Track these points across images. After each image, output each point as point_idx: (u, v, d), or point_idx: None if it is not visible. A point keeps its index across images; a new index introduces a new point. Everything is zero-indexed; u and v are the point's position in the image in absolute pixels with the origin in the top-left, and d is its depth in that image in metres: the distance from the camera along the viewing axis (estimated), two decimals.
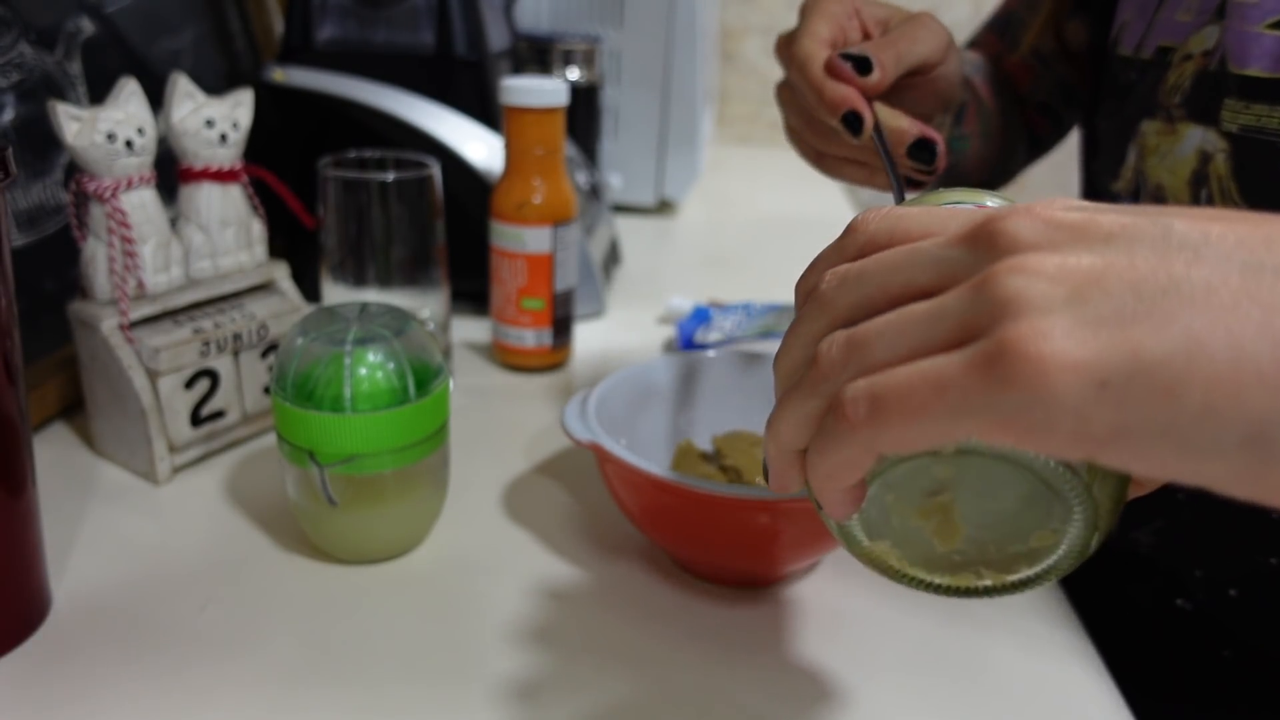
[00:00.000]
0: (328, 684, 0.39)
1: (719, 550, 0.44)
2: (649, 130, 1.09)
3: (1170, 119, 0.51)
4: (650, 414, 0.52)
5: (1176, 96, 0.50)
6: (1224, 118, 0.47)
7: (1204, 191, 0.49)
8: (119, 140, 0.49)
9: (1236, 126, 0.46)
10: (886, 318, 0.25)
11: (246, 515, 0.50)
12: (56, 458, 0.54)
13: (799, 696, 0.39)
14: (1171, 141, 0.51)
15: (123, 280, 0.50)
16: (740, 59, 1.61)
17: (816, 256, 0.30)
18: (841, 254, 0.28)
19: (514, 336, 0.68)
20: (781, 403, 0.28)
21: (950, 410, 0.22)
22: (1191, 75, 0.49)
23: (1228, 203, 0.48)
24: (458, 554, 0.48)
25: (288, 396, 0.43)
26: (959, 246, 0.24)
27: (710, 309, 0.76)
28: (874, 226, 0.28)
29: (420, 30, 0.74)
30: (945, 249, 0.25)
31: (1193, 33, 0.49)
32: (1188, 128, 0.49)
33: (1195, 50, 0.49)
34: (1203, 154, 0.49)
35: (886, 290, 0.26)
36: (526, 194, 0.64)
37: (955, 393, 0.22)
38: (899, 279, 0.26)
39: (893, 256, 0.26)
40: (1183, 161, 0.50)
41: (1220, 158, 0.48)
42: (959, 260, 0.24)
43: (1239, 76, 0.46)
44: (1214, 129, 0.48)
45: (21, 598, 0.40)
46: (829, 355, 0.26)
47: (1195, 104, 0.49)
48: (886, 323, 0.25)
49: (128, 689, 0.38)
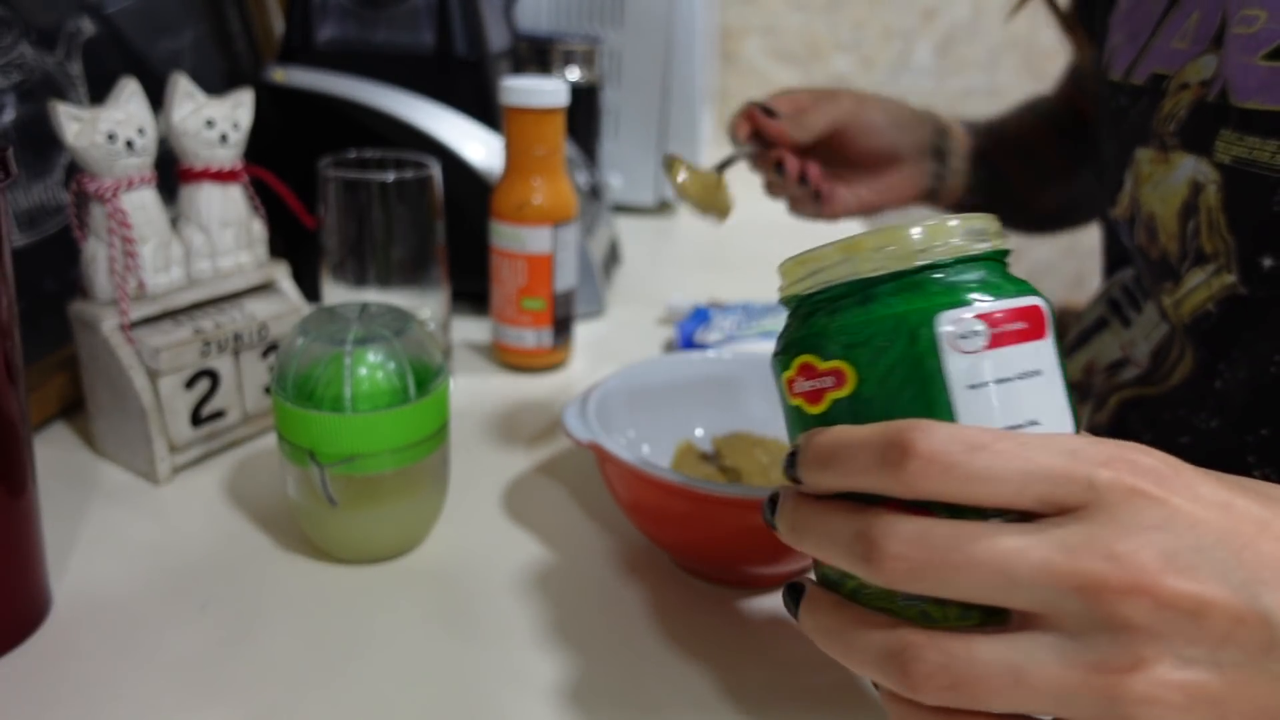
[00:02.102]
0: (328, 684, 0.39)
1: (719, 550, 0.44)
2: (649, 130, 1.09)
3: (1164, 147, 0.50)
4: (650, 414, 0.52)
5: (1171, 125, 0.50)
6: (1217, 148, 0.46)
7: (1192, 223, 0.49)
8: (119, 140, 0.49)
9: (1229, 158, 0.46)
10: (999, 673, 0.24)
11: (246, 515, 0.50)
12: (56, 458, 0.54)
13: (799, 696, 0.39)
14: (1164, 170, 0.50)
15: (123, 280, 0.51)
16: (740, 59, 1.61)
17: (844, 440, 0.26)
18: (886, 467, 0.25)
19: (514, 336, 0.68)
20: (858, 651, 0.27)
21: None
22: (1188, 105, 0.48)
23: (1215, 235, 0.47)
24: (458, 554, 0.48)
25: (288, 396, 0.43)
26: (1068, 594, 0.24)
27: (710, 309, 0.76)
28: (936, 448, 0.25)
29: (420, 30, 0.74)
30: (1051, 590, 0.24)
31: (1189, 61, 0.49)
32: (1181, 157, 0.49)
33: (1193, 80, 0.48)
34: (1194, 184, 0.48)
35: (980, 600, 0.25)
36: (526, 194, 0.64)
37: None
38: (998, 598, 0.24)
39: (992, 563, 0.24)
40: (1174, 191, 0.50)
41: (1211, 189, 0.47)
42: (1073, 612, 0.24)
43: (1240, 110, 0.45)
44: (1206, 159, 0.47)
45: (21, 598, 0.40)
46: (928, 677, 0.24)
47: (1189, 134, 0.48)
48: (1001, 681, 0.24)
49: (128, 689, 0.38)
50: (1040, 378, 0.27)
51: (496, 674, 0.40)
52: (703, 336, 0.72)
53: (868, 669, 0.26)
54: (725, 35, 1.58)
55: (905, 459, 0.25)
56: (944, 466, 0.24)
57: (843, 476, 0.27)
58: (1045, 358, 0.28)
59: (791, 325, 0.31)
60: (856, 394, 0.28)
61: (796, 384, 0.30)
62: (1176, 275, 0.51)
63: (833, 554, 0.27)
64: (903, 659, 0.25)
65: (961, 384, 0.27)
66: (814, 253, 0.29)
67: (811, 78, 1.60)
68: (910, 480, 0.25)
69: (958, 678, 0.24)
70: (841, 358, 0.28)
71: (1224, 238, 0.47)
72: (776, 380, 0.31)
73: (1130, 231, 0.55)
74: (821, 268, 0.29)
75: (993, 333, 0.27)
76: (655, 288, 0.87)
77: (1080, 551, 0.23)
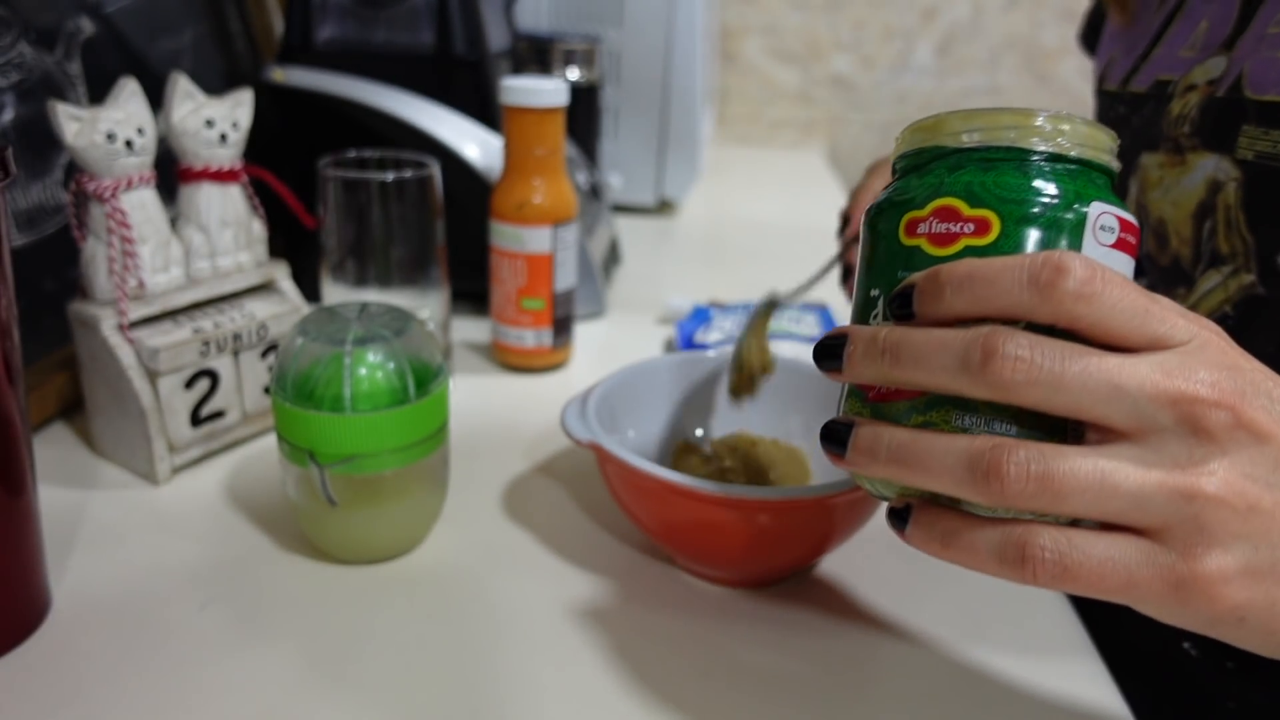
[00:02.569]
0: (328, 684, 0.39)
1: (719, 550, 0.44)
2: (649, 130, 1.09)
3: (1179, 149, 0.50)
4: (650, 414, 0.52)
5: (1185, 126, 0.49)
6: (1240, 144, 0.46)
7: (1208, 224, 0.48)
8: (119, 140, 0.49)
9: (1252, 154, 0.45)
10: (1087, 473, 0.27)
11: (246, 515, 0.50)
12: (56, 458, 0.54)
13: (799, 696, 0.39)
14: (1178, 173, 0.50)
15: (122, 280, 0.50)
16: (740, 59, 1.61)
17: (983, 265, 0.28)
18: (1037, 286, 0.27)
19: (514, 336, 0.68)
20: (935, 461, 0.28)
21: (1127, 596, 0.27)
22: (1197, 104, 0.48)
23: (1233, 234, 0.47)
24: (458, 554, 0.48)
25: (288, 396, 0.43)
26: (1163, 406, 0.27)
27: (710, 309, 0.76)
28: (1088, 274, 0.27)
29: (420, 30, 0.74)
30: (1149, 402, 0.27)
31: (1196, 65, 0.49)
32: (1199, 157, 0.49)
33: (1200, 80, 0.48)
34: (1213, 183, 0.48)
35: (1079, 411, 0.27)
36: (526, 194, 0.64)
37: (1140, 590, 0.27)
38: (1098, 410, 0.27)
39: (1101, 375, 0.27)
40: (1189, 193, 0.50)
41: (1231, 186, 0.47)
42: (1160, 424, 0.27)
43: (1258, 102, 0.45)
44: (1228, 157, 0.47)
45: (21, 598, 0.40)
46: (1017, 477, 0.27)
47: (1208, 132, 0.48)
48: (1087, 480, 0.27)
49: (128, 689, 0.38)
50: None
51: (496, 674, 0.40)
52: (703, 336, 0.72)
53: (957, 473, 0.28)
54: (725, 35, 1.58)
55: (1061, 278, 0.27)
56: (1090, 294, 0.27)
57: (981, 299, 0.28)
58: (1129, 273, 0.31)
59: (933, 170, 0.32)
60: (994, 245, 0.30)
61: (925, 225, 0.31)
62: (1190, 280, 0.50)
63: (948, 360, 0.28)
64: (995, 454, 0.27)
65: None
66: (979, 113, 0.31)
67: (811, 78, 1.60)
68: (1059, 299, 0.27)
69: (1046, 474, 0.27)
70: (993, 208, 0.30)
71: (1243, 237, 0.47)
72: (878, 224, 0.32)
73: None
74: (988, 128, 0.31)
75: (1120, 235, 0.30)
76: (655, 288, 0.87)
77: (1177, 372, 0.27)
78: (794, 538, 0.43)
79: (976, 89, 1.60)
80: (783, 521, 0.41)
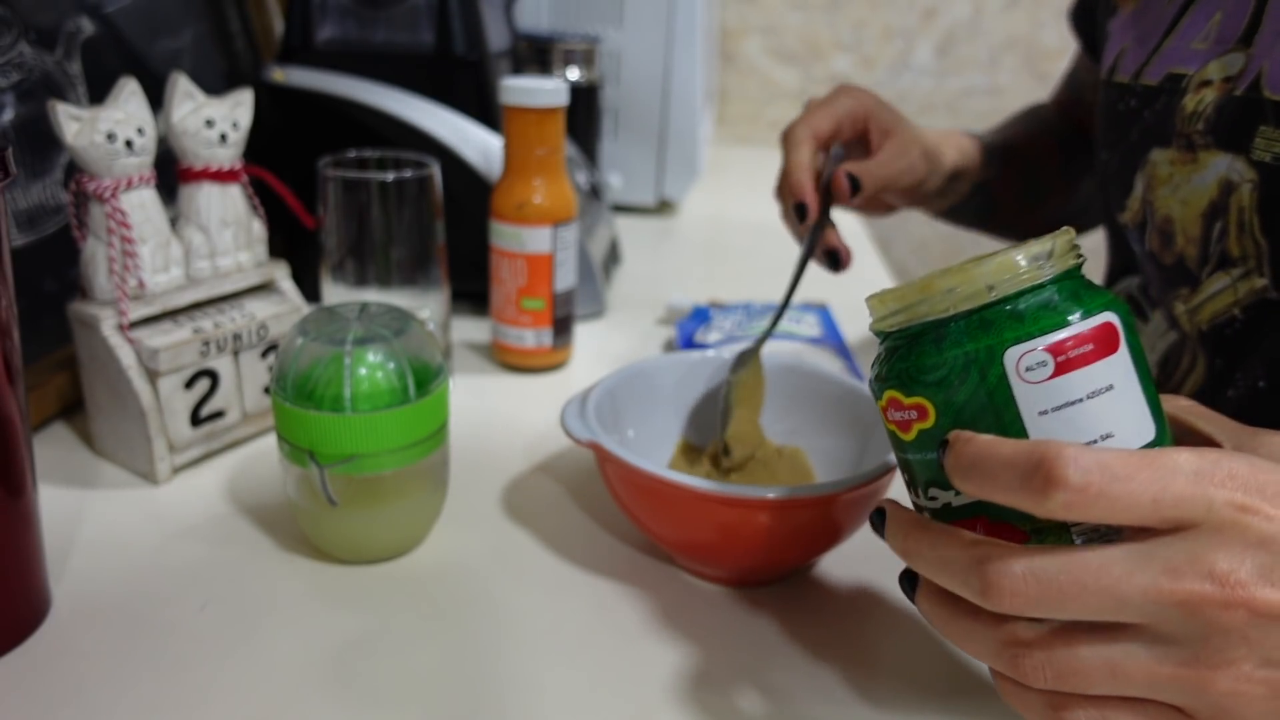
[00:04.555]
0: (328, 684, 0.39)
1: (719, 549, 0.44)
2: (649, 130, 1.09)
3: (1191, 146, 0.49)
4: (650, 414, 0.52)
5: (1199, 123, 0.48)
6: (1257, 146, 0.45)
7: (1219, 224, 0.47)
8: (119, 140, 0.49)
9: (1270, 156, 0.44)
10: (1097, 666, 0.27)
11: (246, 515, 0.50)
12: (56, 458, 0.54)
13: (799, 695, 0.39)
14: (1188, 171, 0.49)
15: (122, 280, 0.50)
16: (740, 59, 1.61)
17: (987, 454, 0.28)
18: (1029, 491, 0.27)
19: (514, 336, 0.68)
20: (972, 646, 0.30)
21: None
22: (1215, 101, 0.47)
23: (1246, 237, 0.46)
24: (458, 554, 0.48)
25: (288, 396, 0.43)
26: (1171, 608, 0.26)
27: (710, 309, 0.76)
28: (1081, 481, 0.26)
29: (420, 30, 0.74)
30: (1157, 608, 0.26)
31: (1211, 59, 0.48)
32: (1212, 156, 0.48)
33: (1216, 76, 0.47)
34: (1225, 183, 0.47)
35: (1086, 616, 0.27)
36: (526, 194, 0.64)
37: None
38: (1106, 617, 0.27)
39: (1102, 589, 0.27)
40: (1199, 192, 0.48)
41: (1246, 188, 0.46)
42: (1171, 623, 0.27)
43: (1277, 103, 0.44)
44: (1243, 157, 0.46)
45: (21, 598, 0.40)
46: (1030, 664, 0.28)
47: (1224, 131, 0.47)
48: (1099, 674, 0.27)
49: (128, 689, 0.38)
50: (1112, 392, 0.29)
51: (496, 674, 0.40)
52: (703, 336, 0.72)
53: (986, 660, 0.30)
54: (725, 35, 1.58)
55: (1051, 489, 0.26)
56: (1089, 497, 0.26)
57: (982, 489, 0.28)
58: (1117, 371, 0.29)
59: (881, 357, 0.32)
60: (937, 428, 0.30)
61: (888, 413, 0.32)
62: (1194, 280, 0.50)
63: (949, 582, 0.29)
64: (1013, 652, 0.28)
65: (1033, 412, 0.28)
66: (894, 292, 0.31)
67: (811, 78, 1.60)
68: (1054, 509, 0.27)
69: (1061, 670, 0.28)
70: (921, 395, 0.30)
71: (1256, 240, 0.46)
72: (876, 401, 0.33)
73: (1141, 237, 0.54)
74: (901, 308, 0.31)
75: (1059, 361, 0.28)
76: (655, 288, 0.87)
77: (1184, 572, 0.26)
78: (794, 537, 0.43)
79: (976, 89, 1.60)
80: (783, 521, 0.41)
